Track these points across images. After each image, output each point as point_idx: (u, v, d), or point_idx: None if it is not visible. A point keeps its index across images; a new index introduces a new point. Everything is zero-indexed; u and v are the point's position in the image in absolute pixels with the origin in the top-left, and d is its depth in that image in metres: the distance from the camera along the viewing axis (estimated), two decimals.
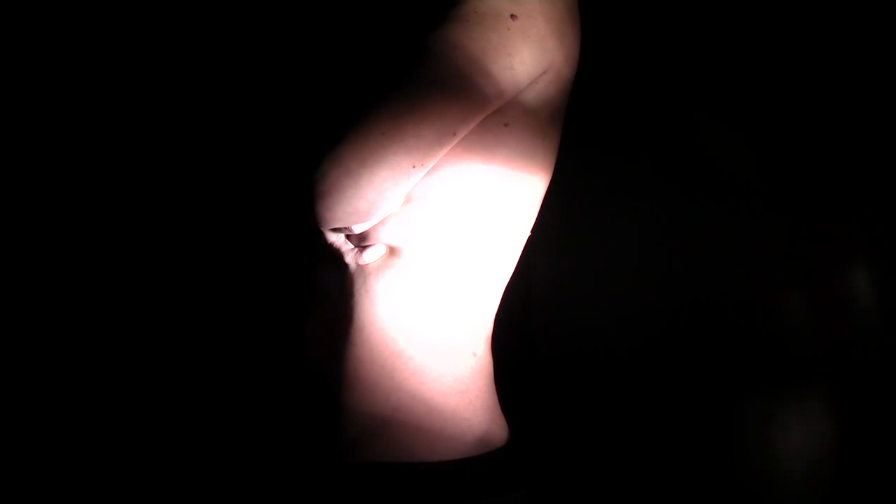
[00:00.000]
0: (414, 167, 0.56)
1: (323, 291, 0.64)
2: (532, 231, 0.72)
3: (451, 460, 0.62)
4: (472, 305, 0.67)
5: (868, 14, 0.80)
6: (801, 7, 0.86)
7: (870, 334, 0.80)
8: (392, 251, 0.63)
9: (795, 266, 0.86)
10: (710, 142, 0.97)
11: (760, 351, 0.89)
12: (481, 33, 0.57)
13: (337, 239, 0.62)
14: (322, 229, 0.59)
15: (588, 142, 1.08)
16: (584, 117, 1.08)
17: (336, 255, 0.62)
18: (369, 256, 0.62)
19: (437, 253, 0.63)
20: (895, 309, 0.78)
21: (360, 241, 0.62)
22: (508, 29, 0.58)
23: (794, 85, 0.87)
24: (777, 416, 0.87)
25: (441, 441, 0.62)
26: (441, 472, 0.61)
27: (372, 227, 0.61)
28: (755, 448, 0.89)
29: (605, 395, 1.06)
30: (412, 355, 0.63)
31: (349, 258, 0.62)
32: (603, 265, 1.08)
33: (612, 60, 1.06)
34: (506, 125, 0.63)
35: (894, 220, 0.78)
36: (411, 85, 0.55)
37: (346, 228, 0.61)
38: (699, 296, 0.96)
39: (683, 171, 0.98)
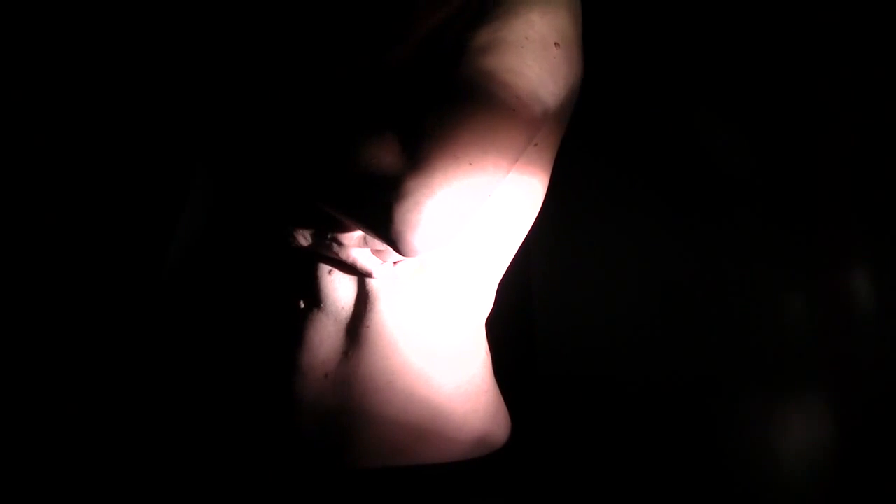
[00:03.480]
0: (489, 195, 0.56)
1: (333, 304, 0.63)
2: (533, 232, 0.73)
3: (466, 460, 0.63)
4: (479, 308, 0.69)
5: (868, 14, 0.80)
6: (801, 6, 0.86)
7: (870, 334, 0.80)
8: (419, 264, 0.64)
9: (795, 266, 0.86)
10: (710, 143, 0.97)
11: (760, 352, 0.89)
12: (536, 60, 0.57)
13: (361, 255, 0.61)
14: (408, 256, 0.56)
15: (590, 144, 1.08)
16: (585, 119, 1.08)
17: (361, 270, 0.62)
18: (401, 271, 0.63)
19: (453, 262, 0.65)
20: (895, 309, 0.78)
21: (390, 257, 0.63)
22: (555, 57, 0.59)
23: (793, 86, 0.87)
24: (777, 417, 0.87)
25: (464, 443, 0.64)
26: (459, 473, 0.63)
27: None
28: (754, 449, 0.89)
29: (606, 397, 1.06)
30: (434, 363, 0.63)
31: (377, 273, 0.62)
32: (603, 267, 1.08)
33: (613, 62, 1.06)
34: (535, 145, 0.64)
35: (894, 221, 0.78)
36: (489, 113, 0.55)
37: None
38: (699, 297, 0.96)
39: (683, 172, 0.98)
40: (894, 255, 0.78)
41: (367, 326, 0.62)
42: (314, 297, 0.63)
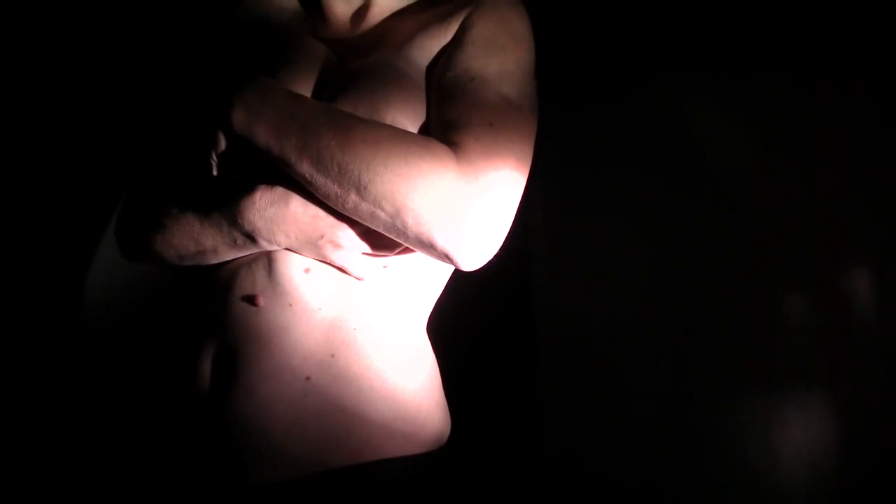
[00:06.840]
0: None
1: (307, 304, 0.62)
2: (534, 230, 0.75)
3: (419, 454, 0.66)
4: (428, 309, 0.73)
5: (869, 9, 0.80)
6: (802, 4, 0.86)
7: (870, 334, 0.80)
8: (402, 265, 0.67)
9: (795, 266, 0.87)
10: (710, 142, 0.97)
11: (760, 351, 0.89)
12: (532, 91, 0.68)
13: (353, 258, 0.63)
14: (469, 268, 0.62)
15: (588, 143, 1.08)
16: (583, 119, 1.08)
17: (353, 273, 0.64)
18: (384, 274, 0.65)
19: (415, 267, 0.68)
20: (895, 309, 0.78)
21: (378, 258, 0.65)
22: (534, 87, 0.69)
23: (793, 79, 0.87)
24: (777, 416, 0.87)
25: (429, 439, 0.66)
26: (420, 466, 0.65)
27: (401, 248, 0.64)
28: (753, 448, 0.89)
29: (606, 395, 1.06)
30: (406, 363, 0.66)
31: (368, 276, 0.64)
32: (602, 265, 1.08)
33: (610, 60, 1.06)
34: None
35: (894, 220, 0.78)
36: (522, 138, 0.64)
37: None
38: (699, 295, 0.96)
39: (683, 170, 0.98)
40: (894, 254, 0.78)
41: (356, 328, 0.63)
42: (281, 296, 0.61)
